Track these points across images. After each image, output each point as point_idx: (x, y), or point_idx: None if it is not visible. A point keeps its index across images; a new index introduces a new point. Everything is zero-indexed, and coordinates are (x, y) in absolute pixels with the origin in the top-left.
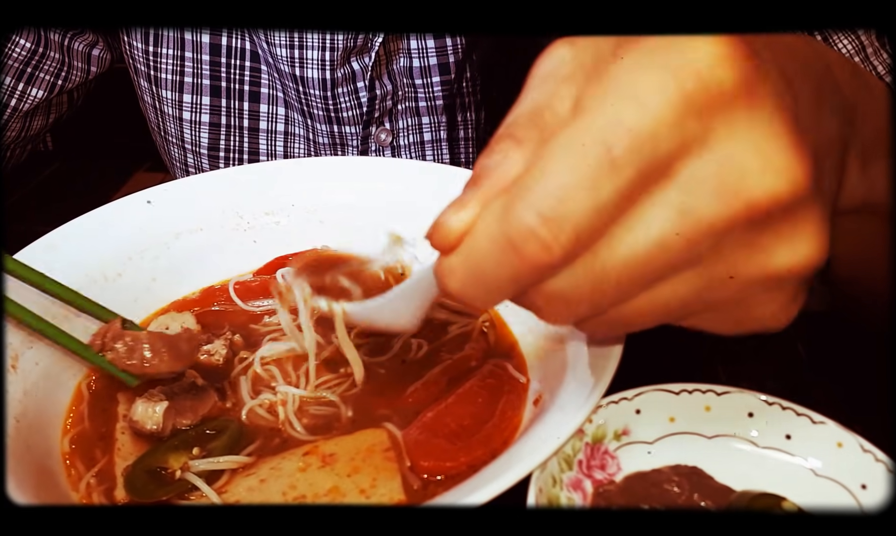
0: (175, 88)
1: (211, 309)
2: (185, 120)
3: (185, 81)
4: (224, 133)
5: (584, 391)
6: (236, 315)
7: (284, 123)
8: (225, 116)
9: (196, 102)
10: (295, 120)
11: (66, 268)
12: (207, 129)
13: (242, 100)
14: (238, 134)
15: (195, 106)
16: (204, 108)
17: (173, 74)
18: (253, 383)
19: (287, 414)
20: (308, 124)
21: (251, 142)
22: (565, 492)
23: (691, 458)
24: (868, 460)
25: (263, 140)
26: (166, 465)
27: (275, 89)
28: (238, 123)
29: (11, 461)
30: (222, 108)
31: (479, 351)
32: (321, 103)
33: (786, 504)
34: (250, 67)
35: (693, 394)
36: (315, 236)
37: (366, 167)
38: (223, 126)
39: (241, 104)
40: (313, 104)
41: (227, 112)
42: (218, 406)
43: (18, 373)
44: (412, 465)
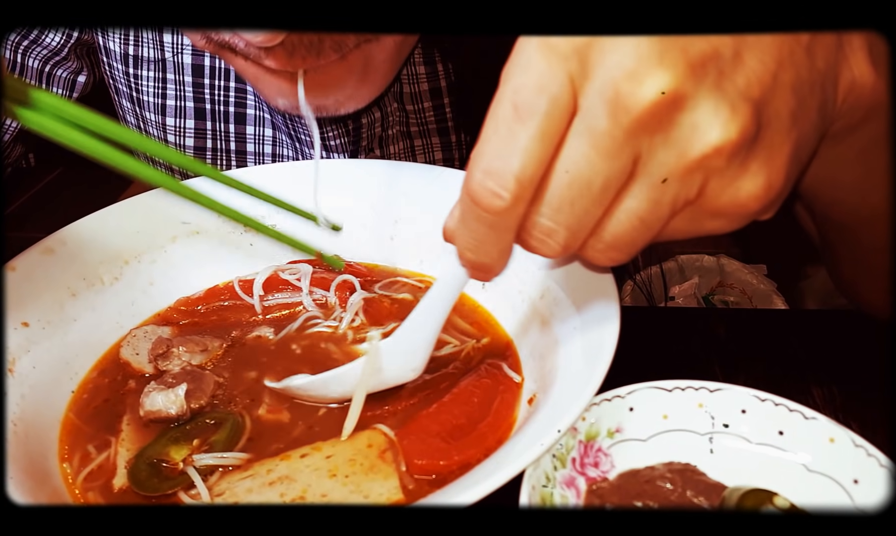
0: (158, 110)
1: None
2: (169, 143)
3: (168, 104)
4: (210, 157)
5: (577, 390)
6: (238, 311)
7: (272, 144)
8: (210, 140)
9: (179, 126)
10: (282, 141)
11: (63, 271)
12: (192, 153)
13: (228, 122)
14: (225, 157)
15: (178, 129)
16: (188, 131)
17: (155, 97)
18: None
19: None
20: (296, 147)
21: (238, 165)
22: (559, 490)
23: (684, 455)
24: (860, 455)
25: (251, 163)
26: (168, 458)
27: (261, 111)
28: (224, 146)
29: (9, 464)
30: (207, 131)
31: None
32: (307, 130)
33: (778, 500)
34: (235, 87)
35: (686, 391)
36: (312, 239)
37: (363, 170)
38: (209, 150)
39: (226, 126)
40: (299, 128)
41: (212, 135)
42: (218, 383)
43: (16, 376)
44: (406, 465)
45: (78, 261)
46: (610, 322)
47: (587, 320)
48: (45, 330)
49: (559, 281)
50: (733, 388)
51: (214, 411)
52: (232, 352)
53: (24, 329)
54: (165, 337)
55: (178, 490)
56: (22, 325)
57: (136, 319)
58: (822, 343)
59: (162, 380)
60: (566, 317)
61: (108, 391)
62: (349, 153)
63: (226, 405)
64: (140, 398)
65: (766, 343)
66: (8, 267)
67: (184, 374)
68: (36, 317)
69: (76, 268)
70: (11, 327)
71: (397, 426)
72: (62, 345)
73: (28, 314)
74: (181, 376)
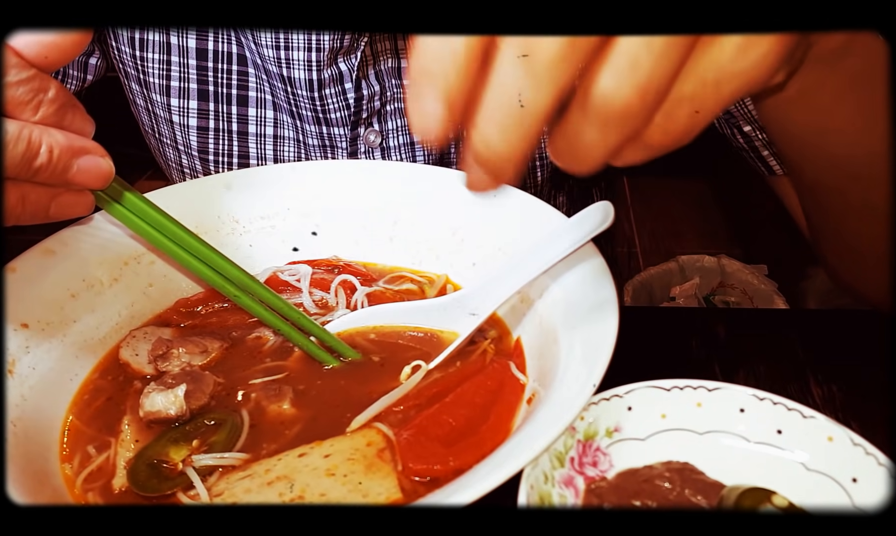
0: (163, 91)
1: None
2: (175, 123)
3: (172, 85)
4: (213, 137)
5: (576, 389)
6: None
7: (273, 126)
8: (213, 120)
9: (183, 106)
10: (284, 123)
11: (62, 273)
12: (196, 132)
13: (231, 104)
14: (227, 138)
15: (182, 110)
16: (192, 112)
17: (160, 79)
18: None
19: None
20: (297, 126)
21: (241, 145)
22: (557, 489)
23: (683, 454)
24: (858, 453)
25: (253, 143)
26: (167, 458)
27: (263, 93)
28: (227, 127)
29: (9, 464)
30: (210, 111)
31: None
32: (309, 104)
33: (776, 499)
34: (238, 70)
35: (684, 391)
36: (310, 239)
37: (361, 171)
38: (212, 130)
39: (229, 108)
40: (301, 105)
41: (215, 116)
42: (218, 383)
43: (16, 377)
44: (402, 467)
45: (78, 262)
46: (609, 322)
47: (586, 319)
48: (45, 331)
49: (559, 281)
50: (732, 387)
51: (214, 411)
52: (232, 353)
53: (23, 330)
54: (165, 338)
55: (177, 491)
56: (21, 326)
57: (135, 320)
58: (822, 343)
59: (162, 381)
60: (565, 316)
61: (108, 392)
62: (349, 127)
63: (225, 406)
64: (140, 399)
65: (766, 343)
66: (8, 268)
67: (183, 375)
68: (36, 318)
69: (76, 269)
70: (11, 328)
71: (397, 425)
72: (62, 346)
73: (28, 315)
74: (181, 376)
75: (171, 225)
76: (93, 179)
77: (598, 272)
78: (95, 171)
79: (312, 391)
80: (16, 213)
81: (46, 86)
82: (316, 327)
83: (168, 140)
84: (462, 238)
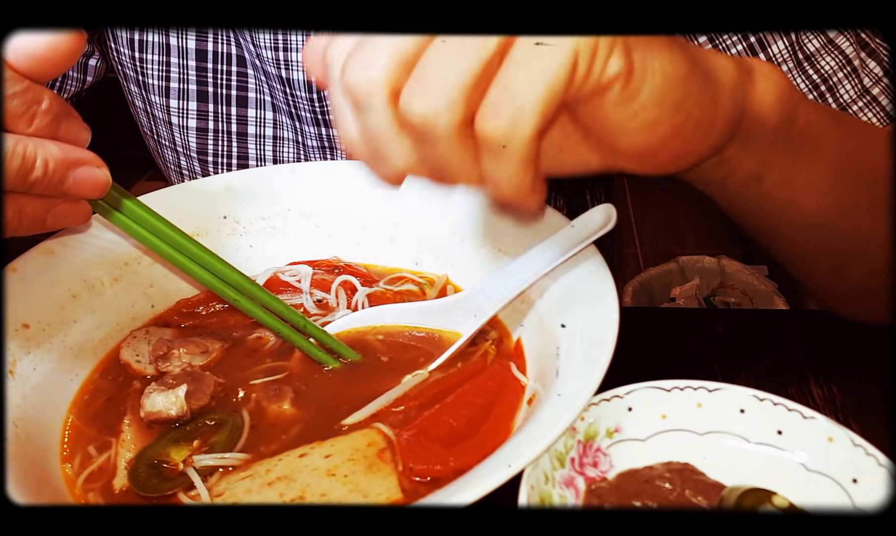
0: (162, 93)
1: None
2: (174, 125)
3: (171, 86)
4: (212, 138)
5: (576, 389)
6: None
7: (273, 127)
8: (213, 121)
9: (182, 107)
10: (283, 124)
11: (63, 273)
12: (195, 133)
13: (230, 105)
14: (227, 139)
15: (182, 111)
16: (191, 113)
17: (159, 80)
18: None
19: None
20: (297, 127)
21: (240, 146)
22: (558, 490)
23: (683, 455)
24: (859, 454)
25: (252, 144)
26: (168, 459)
27: (262, 94)
28: (226, 128)
29: (10, 464)
30: (210, 113)
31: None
32: (308, 105)
33: (776, 499)
34: (237, 71)
35: (685, 391)
36: (311, 240)
37: (361, 171)
38: (211, 131)
39: (228, 109)
40: (301, 106)
41: (214, 117)
42: (219, 384)
43: (17, 378)
44: (403, 467)
45: (78, 263)
46: (609, 322)
47: (586, 320)
48: (46, 332)
49: (559, 282)
50: (732, 388)
51: (214, 412)
52: (232, 353)
53: (24, 331)
54: (166, 339)
55: (177, 491)
56: (22, 326)
57: (136, 320)
58: (822, 344)
59: (162, 381)
60: (565, 317)
61: (108, 392)
62: None
63: (226, 407)
64: (140, 400)
65: (766, 343)
66: (9, 268)
67: (184, 375)
68: (36, 318)
69: (77, 270)
70: (12, 328)
71: (397, 425)
72: (63, 346)
73: (28, 316)
74: (181, 377)
75: (169, 230)
76: (89, 190)
77: (599, 273)
78: (92, 182)
79: (313, 392)
80: (13, 225)
81: (40, 97)
82: (315, 329)
83: (167, 142)
84: (462, 239)
